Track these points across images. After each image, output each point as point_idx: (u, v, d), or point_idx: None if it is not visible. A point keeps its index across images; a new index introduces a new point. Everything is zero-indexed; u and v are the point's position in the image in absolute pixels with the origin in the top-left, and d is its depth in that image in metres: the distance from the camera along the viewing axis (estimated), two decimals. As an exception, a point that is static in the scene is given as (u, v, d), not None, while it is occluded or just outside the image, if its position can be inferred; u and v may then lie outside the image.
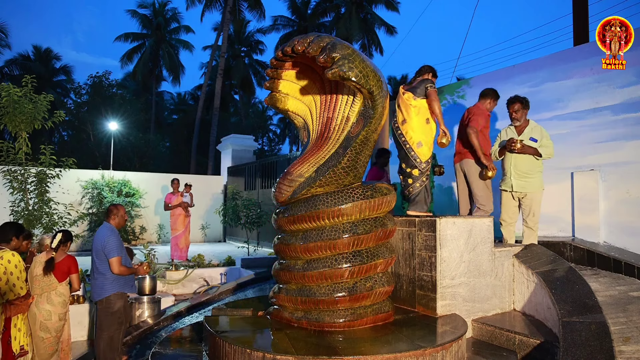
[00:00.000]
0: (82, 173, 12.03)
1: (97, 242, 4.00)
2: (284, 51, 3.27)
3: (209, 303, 5.57)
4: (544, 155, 4.27)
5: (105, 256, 3.94)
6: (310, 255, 3.29)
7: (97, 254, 4.00)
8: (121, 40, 27.69)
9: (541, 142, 4.32)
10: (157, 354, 3.45)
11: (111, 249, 3.94)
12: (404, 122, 4.04)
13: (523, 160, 4.33)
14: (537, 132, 4.35)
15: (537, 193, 4.37)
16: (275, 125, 38.77)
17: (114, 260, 3.93)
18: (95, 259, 4.00)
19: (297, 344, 2.86)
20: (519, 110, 4.42)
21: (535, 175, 4.35)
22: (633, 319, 3.12)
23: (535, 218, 4.40)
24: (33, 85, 6.59)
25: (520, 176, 4.35)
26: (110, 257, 3.93)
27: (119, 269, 3.95)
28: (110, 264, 3.93)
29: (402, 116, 4.06)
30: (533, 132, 4.36)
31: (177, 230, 8.93)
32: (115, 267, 3.93)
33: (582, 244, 4.69)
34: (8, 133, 18.00)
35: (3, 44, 24.38)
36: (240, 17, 24.68)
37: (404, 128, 4.03)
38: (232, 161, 14.94)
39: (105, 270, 3.97)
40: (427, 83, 4.01)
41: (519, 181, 4.36)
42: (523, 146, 4.25)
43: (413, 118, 3.98)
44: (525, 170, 4.33)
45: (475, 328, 3.64)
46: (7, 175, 6.47)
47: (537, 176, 4.36)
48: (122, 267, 3.98)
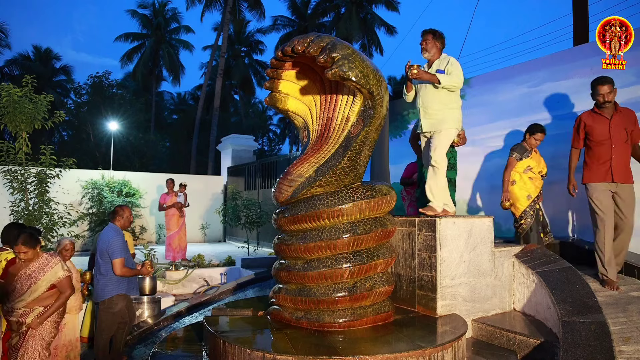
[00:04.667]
0: (82, 173, 12.03)
1: (101, 243, 4.01)
2: (284, 51, 3.27)
3: (209, 303, 5.57)
4: (443, 82, 3.79)
5: (109, 257, 3.95)
6: (310, 255, 3.29)
7: (101, 255, 4.00)
8: (121, 40, 27.70)
9: (447, 69, 3.89)
10: (157, 354, 3.45)
11: (115, 250, 3.94)
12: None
13: (431, 97, 3.95)
14: (444, 63, 3.96)
15: (447, 130, 3.93)
16: (275, 125, 38.79)
17: (117, 262, 3.93)
18: (99, 259, 4.01)
19: (297, 344, 2.86)
20: (429, 41, 4.01)
21: (446, 112, 3.93)
22: (633, 319, 3.12)
23: (437, 154, 3.90)
24: (33, 85, 6.59)
25: (430, 115, 3.99)
26: (113, 258, 3.93)
27: (122, 270, 3.96)
28: (113, 265, 3.93)
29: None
30: (441, 64, 3.97)
31: (171, 230, 8.92)
32: (118, 268, 3.94)
33: (582, 244, 4.69)
34: (8, 133, 18.01)
35: (3, 44, 24.40)
36: (240, 17, 24.69)
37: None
38: (232, 161, 14.94)
39: (108, 271, 3.97)
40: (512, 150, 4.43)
41: (428, 120, 4.00)
42: (419, 71, 3.79)
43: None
44: (436, 107, 3.94)
45: (475, 328, 3.64)
46: (7, 175, 6.47)
47: (448, 114, 3.93)
48: (125, 269, 3.99)
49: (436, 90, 3.93)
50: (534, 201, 4.41)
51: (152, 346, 4.21)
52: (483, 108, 6.52)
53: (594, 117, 3.95)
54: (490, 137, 6.39)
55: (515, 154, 4.46)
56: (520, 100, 6.05)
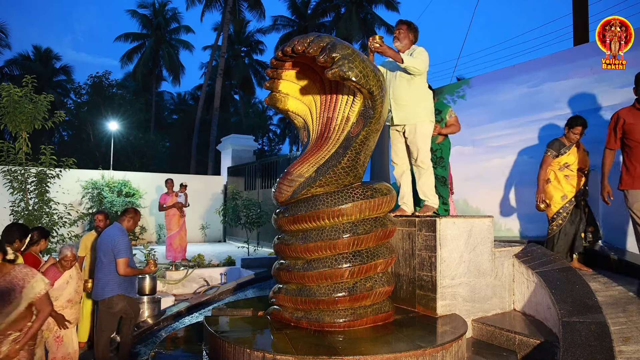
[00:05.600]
0: (82, 173, 12.03)
1: (106, 241, 3.99)
2: (284, 51, 3.27)
3: (209, 303, 5.57)
4: (406, 61, 3.65)
5: (114, 256, 3.94)
6: (310, 255, 3.29)
7: (104, 253, 3.97)
8: (121, 40, 27.72)
9: (413, 55, 3.78)
10: (157, 354, 3.45)
11: (121, 250, 3.94)
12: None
13: (402, 89, 3.83)
14: (412, 52, 3.87)
15: (422, 125, 3.82)
16: (275, 125, 38.80)
17: (122, 262, 3.93)
18: (102, 258, 3.98)
19: (297, 344, 2.86)
20: (403, 31, 3.90)
21: (418, 103, 3.81)
22: (633, 319, 3.12)
23: (423, 154, 3.87)
24: (33, 85, 6.59)
25: (401, 107, 3.86)
26: (118, 258, 3.93)
27: (125, 270, 3.96)
28: (117, 265, 3.93)
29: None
30: (408, 53, 3.85)
31: (172, 230, 8.92)
32: (122, 268, 3.93)
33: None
34: (8, 133, 17.99)
35: (3, 44, 24.42)
36: (240, 17, 24.70)
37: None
38: (232, 161, 14.95)
39: (110, 270, 3.96)
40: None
41: (400, 113, 3.87)
42: (383, 45, 3.58)
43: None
44: (407, 99, 3.82)
45: (475, 328, 3.64)
46: (7, 175, 6.47)
47: (420, 105, 3.82)
48: (129, 269, 3.99)
49: (407, 81, 3.83)
50: (569, 202, 4.10)
51: (152, 346, 4.22)
52: (483, 108, 6.53)
53: (635, 114, 3.50)
54: (490, 137, 6.39)
55: (551, 151, 4.16)
56: (520, 100, 6.05)
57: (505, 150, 6.14)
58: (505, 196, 6.09)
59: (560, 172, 4.13)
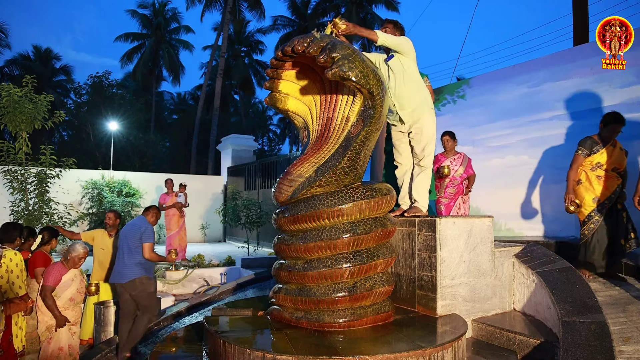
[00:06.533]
0: (82, 173, 12.04)
1: (134, 228, 4.38)
2: (284, 51, 3.27)
3: (209, 303, 5.57)
4: (381, 37, 3.50)
5: (141, 241, 4.31)
6: (310, 255, 3.29)
7: (131, 239, 4.31)
8: (121, 40, 27.71)
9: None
10: (157, 354, 3.45)
11: (148, 235, 4.39)
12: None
13: (404, 86, 3.68)
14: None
15: (426, 120, 3.71)
16: (275, 125, 38.80)
17: (148, 246, 4.33)
18: (129, 243, 4.31)
19: (297, 344, 2.86)
20: (389, 29, 3.77)
21: (421, 93, 3.73)
22: (633, 319, 3.12)
23: (427, 154, 3.76)
24: (33, 85, 6.60)
25: (406, 105, 3.75)
26: (145, 242, 4.32)
27: (151, 254, 4.34)
28: (144, 248, 4.31)
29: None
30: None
31: (171, 230, 8.93)
32: (147, 251, 4.31)
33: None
34: (8, 133, 18.00)
35: (3, 44, 24.42)
36: (240, 17, 24.71)
37: None
38: (232, 161, 14.95)
39: (138, 252, 4.31)
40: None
41: (406, 110, 3.76)
42: (349, 25, 3.36)
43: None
44: (410, 93, 3.70)
45: (475, 328, 3.64)
46: (7, 175, 6.48)
47: (422, 95, 3.74)
48: (154, 254, 4.39)
49: (405, 75, 3.70)
50: (602, 204, 3.79)
51: (152, 346, 4.22)
52: (483, 108, 6.53)
53: None
54: (490, 137, 6.39)
55: (582, 149, 3.86)
56: (520, 100, 6.06)
57: (505, 150, 6.14)
58: (506, 196, 6.09)
59: (592, 172, 3.83)
